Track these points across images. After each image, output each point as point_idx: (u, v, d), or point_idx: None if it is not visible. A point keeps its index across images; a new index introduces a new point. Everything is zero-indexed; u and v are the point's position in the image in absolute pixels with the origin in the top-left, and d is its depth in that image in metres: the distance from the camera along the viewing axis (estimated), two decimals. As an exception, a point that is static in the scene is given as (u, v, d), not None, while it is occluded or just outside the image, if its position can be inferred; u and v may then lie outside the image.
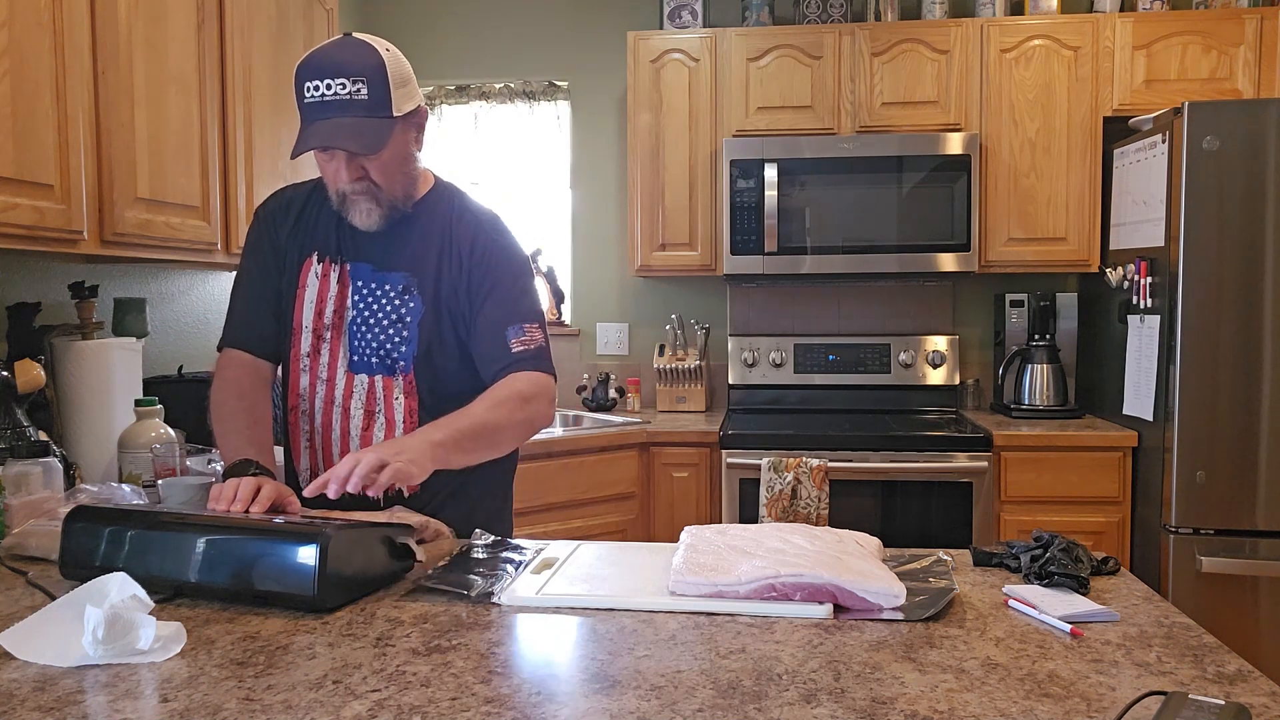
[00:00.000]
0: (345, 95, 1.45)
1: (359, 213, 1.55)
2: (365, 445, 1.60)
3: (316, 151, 1.51)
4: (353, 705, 0.94)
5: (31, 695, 0.96)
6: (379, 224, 1.57)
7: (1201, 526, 2.80)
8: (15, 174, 1.60)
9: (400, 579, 1.34)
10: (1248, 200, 2.75)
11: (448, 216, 1.65)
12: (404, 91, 1.52)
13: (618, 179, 3.81)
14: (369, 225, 1.57)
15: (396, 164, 1.55)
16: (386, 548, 1.32)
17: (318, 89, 1.45)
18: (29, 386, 1.87)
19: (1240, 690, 0.96)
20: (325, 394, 1.63)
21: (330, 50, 1.48)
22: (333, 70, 1.45)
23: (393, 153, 1.53)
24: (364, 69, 1.46)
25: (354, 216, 1.56)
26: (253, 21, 2.36)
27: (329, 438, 1.63)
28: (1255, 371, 2.76)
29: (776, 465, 2.95)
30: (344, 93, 1.44)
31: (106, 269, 2.36)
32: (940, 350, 3.58)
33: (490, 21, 3.87)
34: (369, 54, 1.48)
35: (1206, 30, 3.22)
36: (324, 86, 1.45)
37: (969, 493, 3.00)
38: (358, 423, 1.61)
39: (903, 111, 3.35)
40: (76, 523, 1.32)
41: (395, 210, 1.58)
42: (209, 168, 2.19)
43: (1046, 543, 1.34)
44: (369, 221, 1.56)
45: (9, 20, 1.58)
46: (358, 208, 1.55)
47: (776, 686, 0.97)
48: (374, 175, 1.52)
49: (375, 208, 1.55)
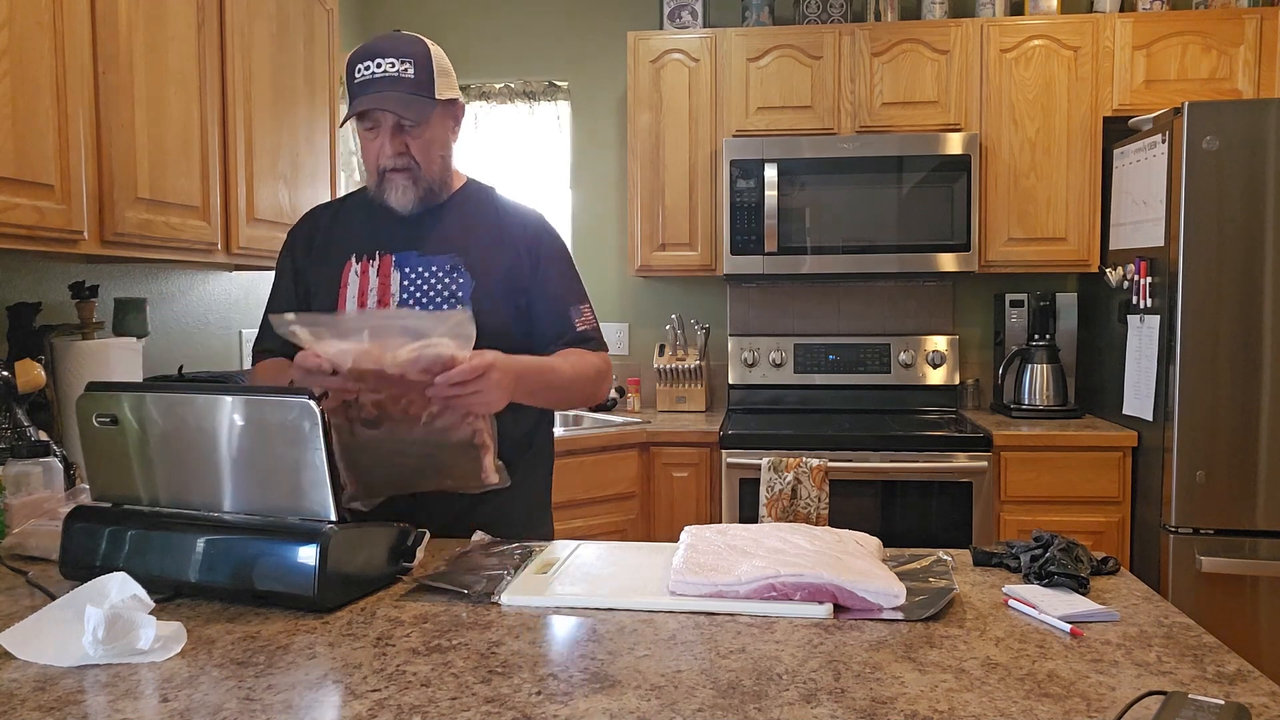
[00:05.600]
0: (394, 72, 1.55)
1: (396, 191, 1.60)
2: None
3: (361, 130, 1.60)
4: (353, 705, 0.94)
5: (32, 695, 0.96)
6: (414, 205, 1.62)
7: (1201, 526, 2.80)
8: (15, 174, 1.60)
9: (400, 579, 1.34)
10: (1248, 200, 2.75)
11: (492, 204, 1.72)
12: (446, 80, 1.61)
13: (618, 179, 3.81)
14: (405, 205, 1.62)
15: (436, 146, 1.62)
16: (386, 548, 1.32)
17: (368, 68, 1.56)
18: (29, 386, 1.87)
19: (1240, 690, 0.96)
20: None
21: (380, 39, 1.60)
22: (382, 53, 1.56)
23: (433, 134, 1.61)
24: (411, 53, 1.57)
25: (390, 196, 1.61)
26: (253, 21, 2.36)
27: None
28: (1255, 371, 2.76)
29: (776, 465, 2.95)
30: (392, 70, 1.55)
31: (106, 269, 2.36)
32: (940, 350, 3.58)
33: (490, 22, 3.87)
34: (416, 42, 1.59)
35: (1206, 30, 3.22)
36: (374, 65, 1.55)
37: (969, 493, 3.00)
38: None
39: (903, 111, 3.35)
40: (76, 523, 1.32)
41: (431, 194, 1.64)
42: (209, 168, 2.19)
43: (1046, 543, 1.34)
44: (405, 201, 1.61)
45: (9, 20, 1.58)
46: (395, 186, 1.60)
47: (776, 686, 0.97)
48: (414, 152, 1.59)
49: (412, 187, 1.61)
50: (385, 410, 1.40)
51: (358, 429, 1.41)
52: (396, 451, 1.43)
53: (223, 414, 1.26)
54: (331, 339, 1.35)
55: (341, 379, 1.35)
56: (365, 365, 1.34)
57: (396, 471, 1.46)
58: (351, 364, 1.33)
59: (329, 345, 1.34)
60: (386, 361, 1.33)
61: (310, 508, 1.24)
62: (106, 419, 1.32)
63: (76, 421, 1.35)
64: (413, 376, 1.34)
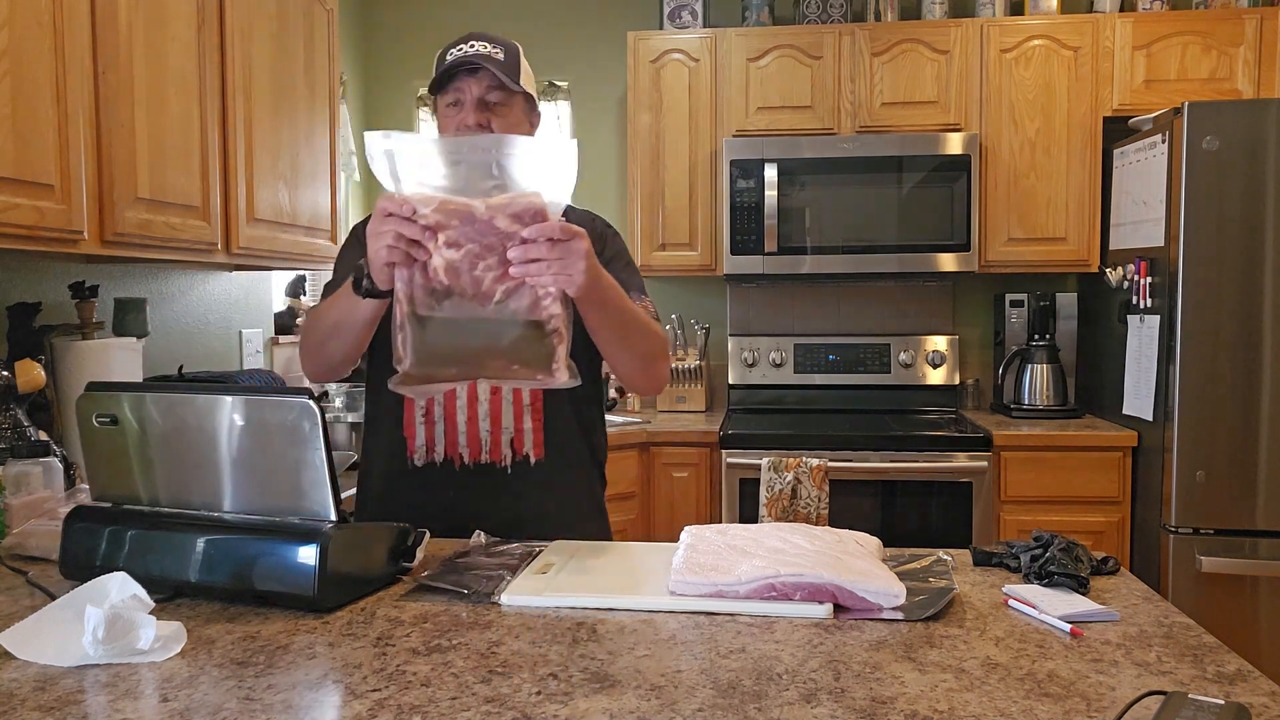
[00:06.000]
0: (486, 52, 1.60)
1: None
2: (493, 411, 1.62)
3: (443, 106, 1.61)
4: (353, 705, 0.94)
5: (32, 695, 0.96)
6: None
7: (1201, 526, 2.80)
8: (15, 174, 1.60)
9: (400, 579, 1.34)
10: (1247, 200, 2.75)
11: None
12: (529, 77, 1.66)
13: (618, 179, 3.81)
14: None
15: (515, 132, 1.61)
16: (386, 548, 1.32)
17: (461, 49, 1.60)
18: (29, 386, 1.87)
19: (1240, 690, 0.96)
20: None
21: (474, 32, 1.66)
22: (476, 38, 1.62)
23: (515, 119, 1.62)
24: (503, 44, 1.63)
25: None
26: (253, 21, 2.36)
27: (453, 407, 1.61)
28: (1255, 371, 2.76)
29: (776, 465, 2.95)
30: (485, 50, 1.60)
31: (106, 269, 2.36)
32: (940, 350, 3.58)
33: (490, 22, 3.87)
34: (506, 38, 1.66)
35: (1206, 30, 3.22)
36: (467, 46, 1.60)
37: (969, 493, 3.00)
38: (485, 389, 1.61)
39: (903, 111, 3.35)
40: (76, 523, 1.32)
41: None
42: (209, 168, 2.19)
43: (1046, 543, 1.34)
44: None
45: (9, 20, 1.58)
46: None
47: (776, 686, 0.97)
48: (494, 129, 1.59)
49: None
50: (457, 279, 1.29)
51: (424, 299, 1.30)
52: (463, 329, 1.31)
53: (223, 414, 1.26)
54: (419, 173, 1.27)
55: (420, 227, 1.26)
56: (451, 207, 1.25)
57: (460, 350, 1.33)
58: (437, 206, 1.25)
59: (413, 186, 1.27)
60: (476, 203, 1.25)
61: (310, 508, 1.24)
62: (106, 419, 1.32)
63: (76, 421, 1.35)
64: (501, 223, 1.25)
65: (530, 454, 1.61)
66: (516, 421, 1.62)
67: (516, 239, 1.26)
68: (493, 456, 1.62)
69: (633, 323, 1.52)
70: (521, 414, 1.62)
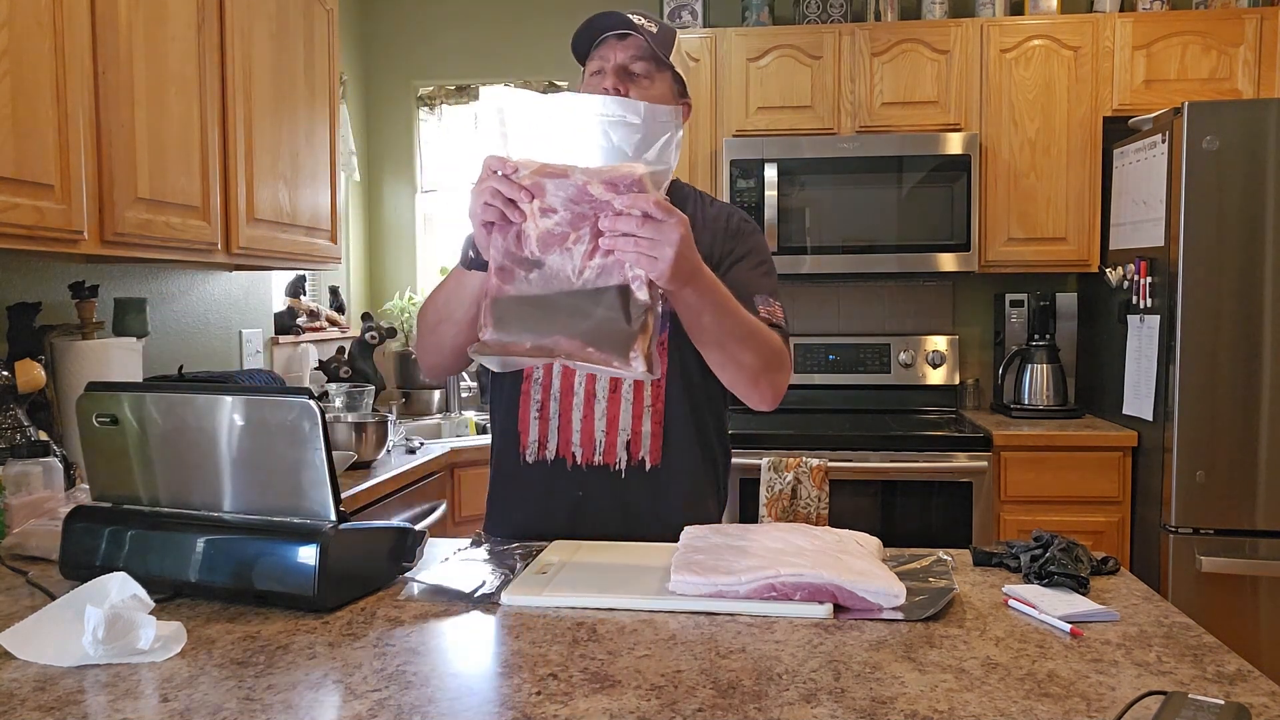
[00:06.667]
0: (639, 21, 1.53)
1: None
2: (610, 412, 1.56)
3: (589, 75, 1.57)
4: (353, 705, 0.94)
5: (32, 695, 0.96)
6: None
7: (1201, 526, 2.80)
8: (15, 174, 1.60)
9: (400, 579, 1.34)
10: (1247, 200, 2.75)
11: (695, 199, 1.65)
12: (679, 58, 1.58)
13: (618, 179, 3.81)
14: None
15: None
16: (387, 548, 1.32)
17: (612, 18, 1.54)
18: (29, 386, 1.88)
19: (1240, 690, 0.96)
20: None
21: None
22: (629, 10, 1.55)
23: (659, 95, 1.54)
24: (658, 20, 1.57)
25: None
26: (253, 21, 2.36)
27: (568, 403, 1.57)
28: (1255, 371, 2.76)
29: (776, 465, 2.95)
30: (637, 19, 1.53)
31: (106, 269, 2.36)
32: (940, 350, 3.58)
33: (490, 21, 3.87)
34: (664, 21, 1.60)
35: (1206, 30, 3.22)
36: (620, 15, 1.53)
37: (969, 493, 3.00)
38: (604, 384, 1.56)
39: (903, 111, 3.35)
40: (76, 523, 1.32)
41: None
42: (209, 168, 2.19)
43: (1046, 543, 1.34)
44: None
45: (9, 20, 1.58)
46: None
47: (776, 686, 0.97)
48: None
49: None
50: (549, 249, 1.26)
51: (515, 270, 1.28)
52: (548, 304, 1.28)
53: (223, 414, 1.26)
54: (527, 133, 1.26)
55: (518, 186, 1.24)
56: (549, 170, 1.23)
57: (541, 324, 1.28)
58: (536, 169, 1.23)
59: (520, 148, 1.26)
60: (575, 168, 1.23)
61: (310, 508, 1.24)
62: (106, 419, 1.32)
63: (76, 421, 1.35)
64: (595, 190, 1.21)
65: (646, 459, 1.55)
66: (634, 423, 1.56)
67: (610, 209, 1.22)
68: (607, 459, 1.56)
69: (736, 330, 1.42)
70: (641, 415, 1.56)
